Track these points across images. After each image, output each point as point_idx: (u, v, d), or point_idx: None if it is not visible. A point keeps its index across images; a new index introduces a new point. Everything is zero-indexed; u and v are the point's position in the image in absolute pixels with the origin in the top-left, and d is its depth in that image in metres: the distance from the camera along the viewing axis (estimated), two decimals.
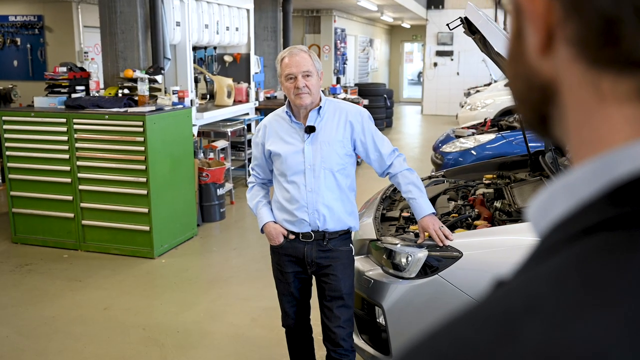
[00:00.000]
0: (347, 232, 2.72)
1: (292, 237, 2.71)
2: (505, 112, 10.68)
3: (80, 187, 5.37)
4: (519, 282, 0.36)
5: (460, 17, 3.17)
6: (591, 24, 0.36)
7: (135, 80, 5.72)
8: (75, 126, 5.27)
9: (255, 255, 5.52)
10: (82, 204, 5.40)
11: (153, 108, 5.40)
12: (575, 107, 0.40)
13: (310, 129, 2.62)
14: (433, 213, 2.69)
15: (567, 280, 0.34)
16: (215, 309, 4.30)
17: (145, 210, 5.23)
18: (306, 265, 2.72)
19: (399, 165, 2.72)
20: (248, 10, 8.21)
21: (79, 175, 5.35)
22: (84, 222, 5.43)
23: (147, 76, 5.69)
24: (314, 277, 2.83)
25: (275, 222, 2.74)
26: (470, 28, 3.13)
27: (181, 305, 4.38)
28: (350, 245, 2.76)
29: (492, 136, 6.84)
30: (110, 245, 5.40)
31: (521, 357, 0.31)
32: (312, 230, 2.66)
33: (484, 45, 3.32)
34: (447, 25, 3.34)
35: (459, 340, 0.34)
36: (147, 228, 5.26)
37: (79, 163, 5.33)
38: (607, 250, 0.34)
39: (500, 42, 2.60)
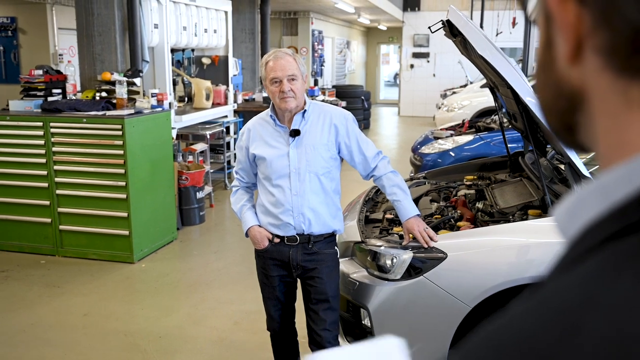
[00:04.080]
0: (332, 235, 2.72)
1: (277, 240, 2.70)
2: (482, 113, 10.80)
3: (58, 191, 5.29)
4: (569, 281, 0.37)
5: (442, 20, 3.19)
6: (620, 33, 0.37)
7: (113, 83, 5.66)
8: (52, 130, 5.20)
9: (236, 258, 5.49)
10: (60, 209, 5.32)
11: (132, 111, 5.34)
12: (604, 114, 0.40)
13: (295, 133, 2.61)
14: (417, 215, 2.71)
15: (621, 274, 0.34)
16: (197, 313, 4.27)
17: (125, 214, 5.17)
18: (291, 268, 2.71)
19: (383, 167, 2.73)
20: (226, 13, 8.18)
21: (56, 179, 5.27)
22: (61, 227, 5.35)
23: (125, 79, 5.63)
24: (299, 281, 2.83)
25: (259, 225, 2.73)
26: (451, 31, 3.16)
27: (162, 310, 4.34)
28: (335, 247, 2.76)
29: (470, 137, 6.91)
30: (88, 250, 5.33)
31: (588, 348, 0.32)
32: (297, 234, 2.66)
33: (465, 47, 3.35)
34: (429, 28, 3.36)
35: (522, 335, 0.35)
36: (126, 232, 5.20)
37: (56, 167, 5.26)
38: None
39: (481, 44, 2.63)
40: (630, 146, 0.39)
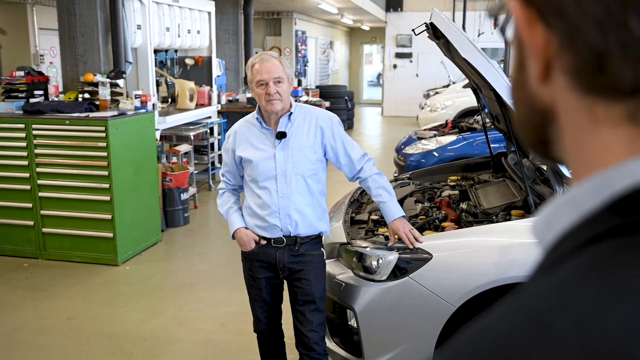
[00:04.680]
0: (318, 237, 2.74)
1: (263, 242, 2.71)
2: (465, 114, 10.89)
3: (41, 194, 5.24)
4: (542, 286, 0.40)
5: (425, 23, 3.22)
6: (583, 56, 0.40)
7: (96, 85, 5.62)
8: (35, 132, 5.15)
9: (221, 259, 5.49)
10: (43, 212, 5.27)
11: (115, 113, 5.32)
12: (572, 130, 0.44)
13: (281, 135, 2.63)
14: (403, 216, 2.73)
15: (587, 280, 0.38)
16: (182, 315, 4.26)
17: (109, 216, 5.15)
18: (278, 270, 2.72)
19: (368, 169, 2.76)
20: (209, 13, 8.16)
21: (39, 182, 5.23)
22: (44, 229, 5.30)
23: (108, 80, 5.60)
24: (285, 282, 2.84)
25: (246, 227, 2.73)
26: (435, 33, 3.19)
27: (148, 312, 4.33)
28: (322, 249, 2.78)
29: (453, 138, 6.97)
30: (72, 253, 5.29)
31: (555, 347, 0.35)
32: (283, 236, 2.67)
33: (448, 49, 3.39)
34: (413, 30, 3.39)
35: (496, 337, 0.38)
36: (110, 235, 5.17)
37: (38, 170, 5.21)
38: (618, 252, 0.38)
39: (464, 47, 2.66)
40: (596, 161, 0.42)
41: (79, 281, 4.88)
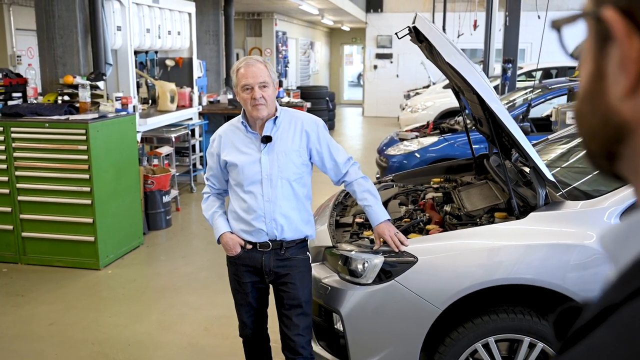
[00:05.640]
0: (304, 241, 2.74)
1: (249, 247, 2.70)
2: (445, 114, 10.97)
3: (20, 198, 5.17)
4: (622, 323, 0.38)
5: (408, 27, 3.24)
6: None
7: (75, 87, 5.56)
8: (13, 135, 5.08)
9: (204, 262, 5.46)
10: (22, 216, 5.20)
11: (96, 115, 5.26)
12: None
13: (266, 139, 2.62)
14: (388, 220, 2.75)
15: None
16: (166, 320, 4.23)
17: (90, 220, 5.09)
18: (264, 274, 2.72)
19: (354, 173, 2.76)
20: (190, 14, 8.11)
21: (18, 185, 5.16)
22: (24, 234, 5.23)
23: (88, 82, 5.54)
24: (271, 286, 2.84)
25: (231, 232, 2.72)
26: (417, 37, 3.21)
27: (131, 317, 4.29)
28: (308, 253, 2.78)
29: (435, 139, 7.01)
30: (52, 257, 5.23)
31: None
32: (269, 240, 2.66)
33: (430, 52, 3.41)
34: (396, 34, 3.40)
35: None
36: (91, 238, 5.12)
37: (17, 173, 5.14)
38: None
39: (448, 52, 2.68)
40: None
41: (60, 286, 4.83)
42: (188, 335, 3.99)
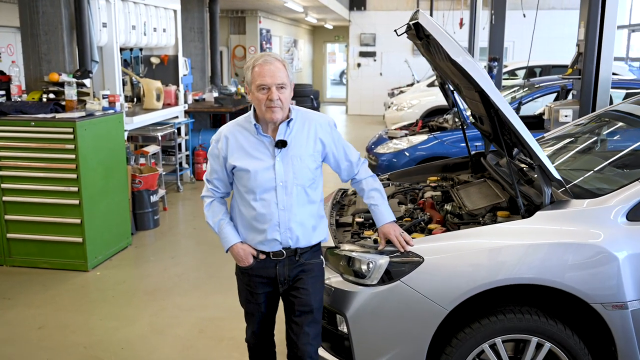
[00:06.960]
0: (317, 245, 2.63)
1: (262, 257, 2.55)
2: (431, 112, 10.98)
3: (5, 198, 5.04)
4: None
5: (408, 24, 3.20)
6: None
7: (61, 85, 5.44)
8: None
9: (194, 263, 5.38)
10: (7, 216, 5.07)
11: (83, 114, 5.14)
12: None
13: (282, 144, 2.45)
14: (394, 220, 2.70)
15: None
16: (159, 322, 4.15)
17: (78, 220, 4.98)
18: (278, 284, 2.58)
19: (364, 172, 2.70)
20: (175, 11, 8.01)
21: (3, 185, 5.02)
22: (9, 235, 5.10)
23: (74, 80, 5.42)
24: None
25: (242, 242, 2.57)
26: (417, 34, 3.17)
27: (122, 319, 4.20)
28: (321, 257, 2.65)
29: (424, 137, 7.00)
30: (39, 259, 5.10)
31: None
32: (283, 248, 2.53)
33: (428, 50, 3.37)
34: (395, 31, 3.36)
35: None
36: (79, 239, 5.01)
37: (2, 173, 5.01)
38: None
39: (454, 51, 2.63)
40: None
41: (48, 288, 4.71)
42: (182, 337, 3.91)
